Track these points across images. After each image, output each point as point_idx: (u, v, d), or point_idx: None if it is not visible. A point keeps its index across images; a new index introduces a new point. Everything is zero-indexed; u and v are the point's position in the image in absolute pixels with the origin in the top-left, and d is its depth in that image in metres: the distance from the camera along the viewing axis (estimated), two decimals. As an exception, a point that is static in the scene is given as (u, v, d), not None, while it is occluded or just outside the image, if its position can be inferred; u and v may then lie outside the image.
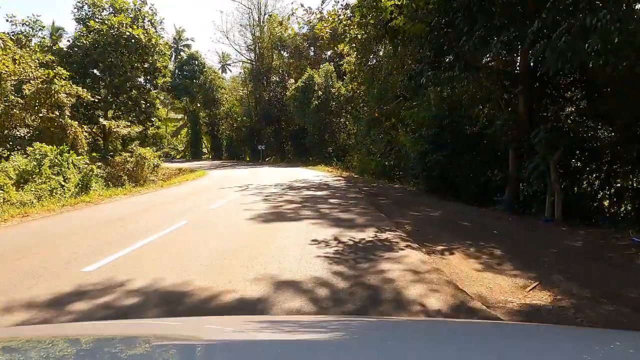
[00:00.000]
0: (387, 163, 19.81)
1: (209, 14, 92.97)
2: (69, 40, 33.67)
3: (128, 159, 23.81)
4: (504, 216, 8.77)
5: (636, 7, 6.31)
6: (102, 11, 33.81)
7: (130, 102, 34.11)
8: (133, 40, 32.47)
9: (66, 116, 22.97)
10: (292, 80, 46.44)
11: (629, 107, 7.68)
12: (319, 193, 12.72)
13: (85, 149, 23.32)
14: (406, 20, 8.93)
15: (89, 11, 33.90)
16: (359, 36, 17.85)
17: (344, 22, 18.68)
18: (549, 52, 6.41)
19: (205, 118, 57.93)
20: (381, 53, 20.53)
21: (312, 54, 46.42)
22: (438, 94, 13.41)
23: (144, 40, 33.03)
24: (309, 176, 19.97)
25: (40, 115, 22.02)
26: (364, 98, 24.89)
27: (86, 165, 16.95)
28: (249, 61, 52.74)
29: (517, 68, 10.49)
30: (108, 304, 3.51)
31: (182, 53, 66.43)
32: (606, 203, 9.35)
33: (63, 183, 14.53)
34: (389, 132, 19.39)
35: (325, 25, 20.80)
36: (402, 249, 5.27)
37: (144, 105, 34.86)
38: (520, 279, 4.27)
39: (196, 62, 58.51)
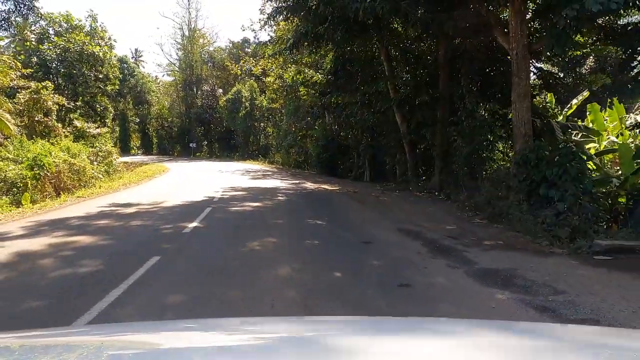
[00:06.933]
0: (299, 159, 31.73)
1: (128, 15, 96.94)
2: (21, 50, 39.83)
3: (99, 153, 32.50)
4: (348, 181, 21.08)
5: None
6: (58, 27, 40.90)
7: (87, 107, 41.60)
8: (94, 56, 40.28)
9: (53, 119, 30.98)
10: (221, 90, 56.55)
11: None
12: (267, 173, 24.12)
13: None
14: (307, 94, 20.80)
15: (46, 26, 40.74)
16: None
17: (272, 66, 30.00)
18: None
19: (134, 117, 64.49)
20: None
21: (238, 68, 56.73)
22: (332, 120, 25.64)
23: (101, 55, 40.87)
24: (250, 167, 30.99)
25: (36, 119, 29.82)
26: (281, 110, 36.50)
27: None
28: (179, 70, 61.09)
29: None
30: (243, 190, 14.55)
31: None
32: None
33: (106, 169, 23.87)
34: (301, 139, 31.25)
35: (259, 66, 31.96)
36: (304, 184, 17.01)
37: (99, 109, 42.50)
38: (335, 187, 16.23)
39: (125, 66, 64.67)
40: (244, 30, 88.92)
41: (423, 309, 3.80)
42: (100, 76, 42.29)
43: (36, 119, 30.23)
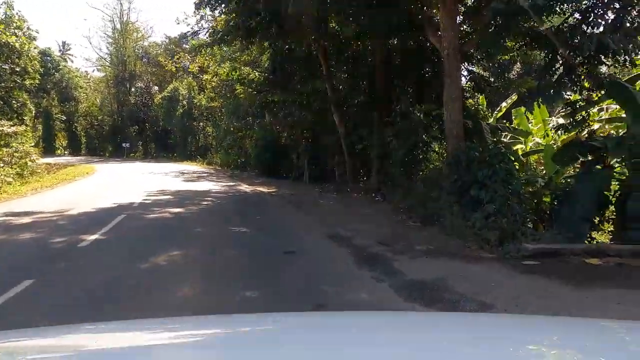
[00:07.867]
0: (239, 160, 30.58)
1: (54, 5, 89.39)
2: None
3: (14, 154, 29.47)
4: (288, 182, 20.44)
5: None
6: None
7: (1, 103, 37.45)
8: (8, 47, 36.28)
9: (-49, 117, 27.48)
10: (156, 88, 53.53)
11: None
12: (203, 175, 22.86)
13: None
14: (244, 92, 19.95)
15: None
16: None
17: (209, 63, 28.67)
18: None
19: (59, 114, 59.34)
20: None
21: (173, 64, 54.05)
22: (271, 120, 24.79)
23: (18, 47, 36.95)
24: (186, 168, 29.42)
25: None
26: (221, 109, 35.06)
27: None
28: (110, 65, 57.10)
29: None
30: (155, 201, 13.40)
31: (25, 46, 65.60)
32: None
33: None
34: (241, 140, 30.13)
35: (195, 64, 30.44)
36: (240, 186, 16.15)
37: (15, 106, 38.45)
38: (272, 189, 15.54)
39: (49, 59, 59.30)
40: (178, 23, 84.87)
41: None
42: (17, 69, 38.12)
43: None
